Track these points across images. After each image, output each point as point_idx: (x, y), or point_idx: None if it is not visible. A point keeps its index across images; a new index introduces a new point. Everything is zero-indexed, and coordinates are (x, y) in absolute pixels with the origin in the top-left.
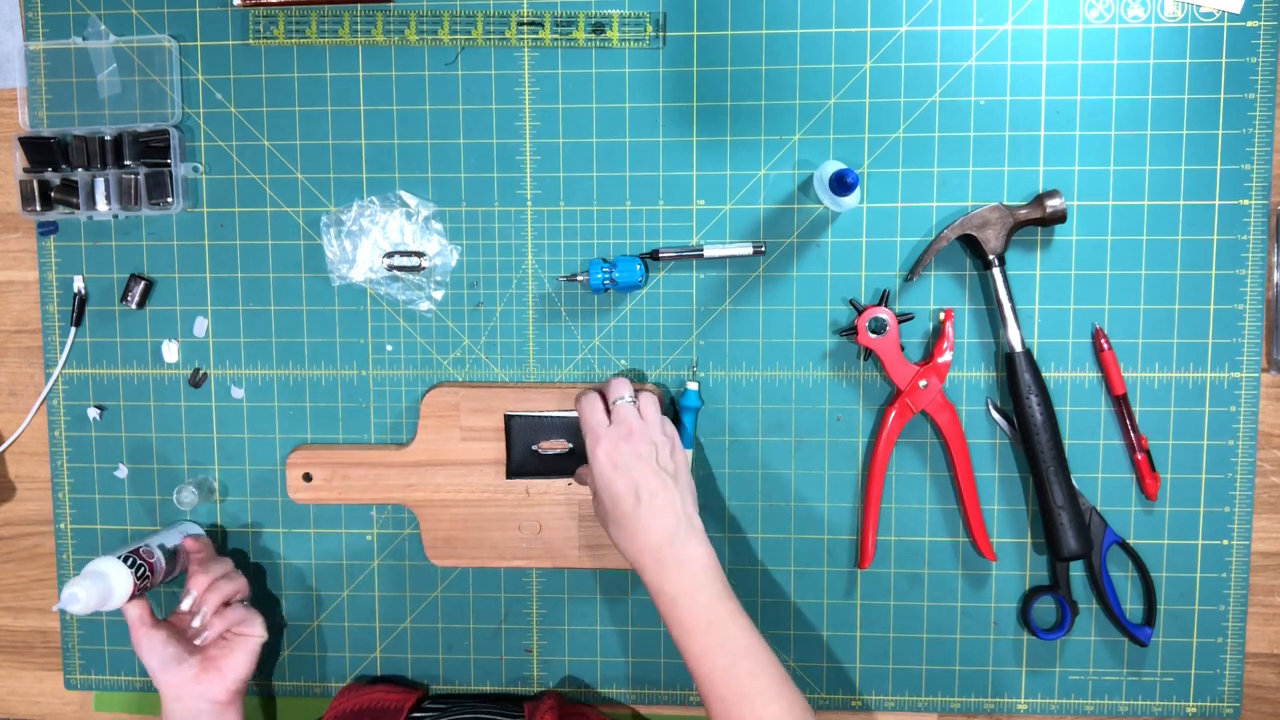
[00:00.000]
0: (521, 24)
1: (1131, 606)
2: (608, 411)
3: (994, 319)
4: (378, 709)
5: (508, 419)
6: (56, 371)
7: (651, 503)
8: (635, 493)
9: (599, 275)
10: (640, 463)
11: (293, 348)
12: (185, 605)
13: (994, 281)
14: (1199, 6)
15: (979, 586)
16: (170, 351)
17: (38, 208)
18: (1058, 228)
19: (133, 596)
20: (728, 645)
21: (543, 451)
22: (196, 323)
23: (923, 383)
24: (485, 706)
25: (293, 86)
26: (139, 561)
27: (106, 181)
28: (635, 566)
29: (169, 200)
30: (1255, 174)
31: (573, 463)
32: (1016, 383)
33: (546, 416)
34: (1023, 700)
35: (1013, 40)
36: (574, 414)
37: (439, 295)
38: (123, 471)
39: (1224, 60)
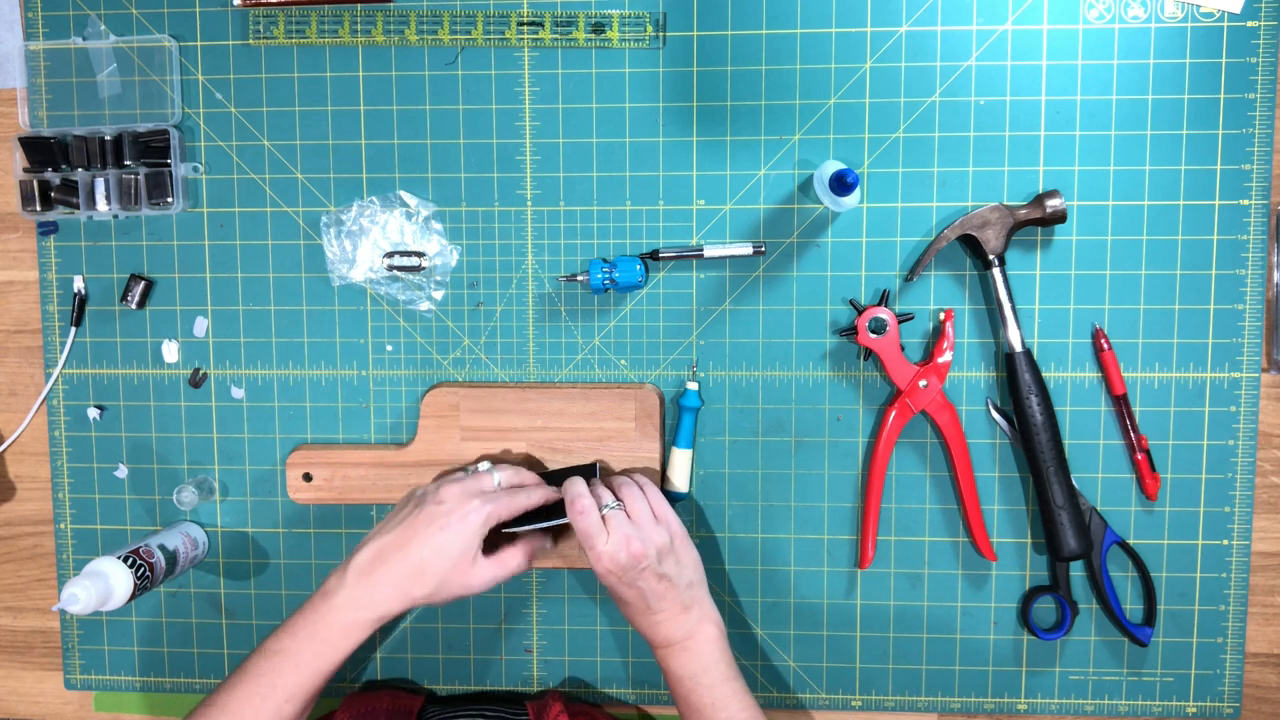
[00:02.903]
0: (521, 24)
1: (1131, 606)
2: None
3: (994, 319)
4: (385, 712)
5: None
6: (56, 371)
7: (659, 605)
8: (643, 599)
9: (599, 275)
10: (642, 574)
11: (293, 348)
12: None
13: (994, 281)
14: (1199, 6)
15: (979, 586)
16: (170, 351)
17: (38, 208)
18: (1058, 228)
19: (133, 596)
20: None
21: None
22: (196, 323)
23: (923, 383)
24: (490, 708)
25: (293, 86)
26: (139, 561)
27: (106, 181)
28: (647, 641)
29: (169, 200)
30: (1255, 174)
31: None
32: (1016, 383)
33: (553, 471)
34: (1023, 700)
35: (1013, 40)
36: (578, 464)
37: (439, 295)
38: (123, 471)
39: (1224, 60)
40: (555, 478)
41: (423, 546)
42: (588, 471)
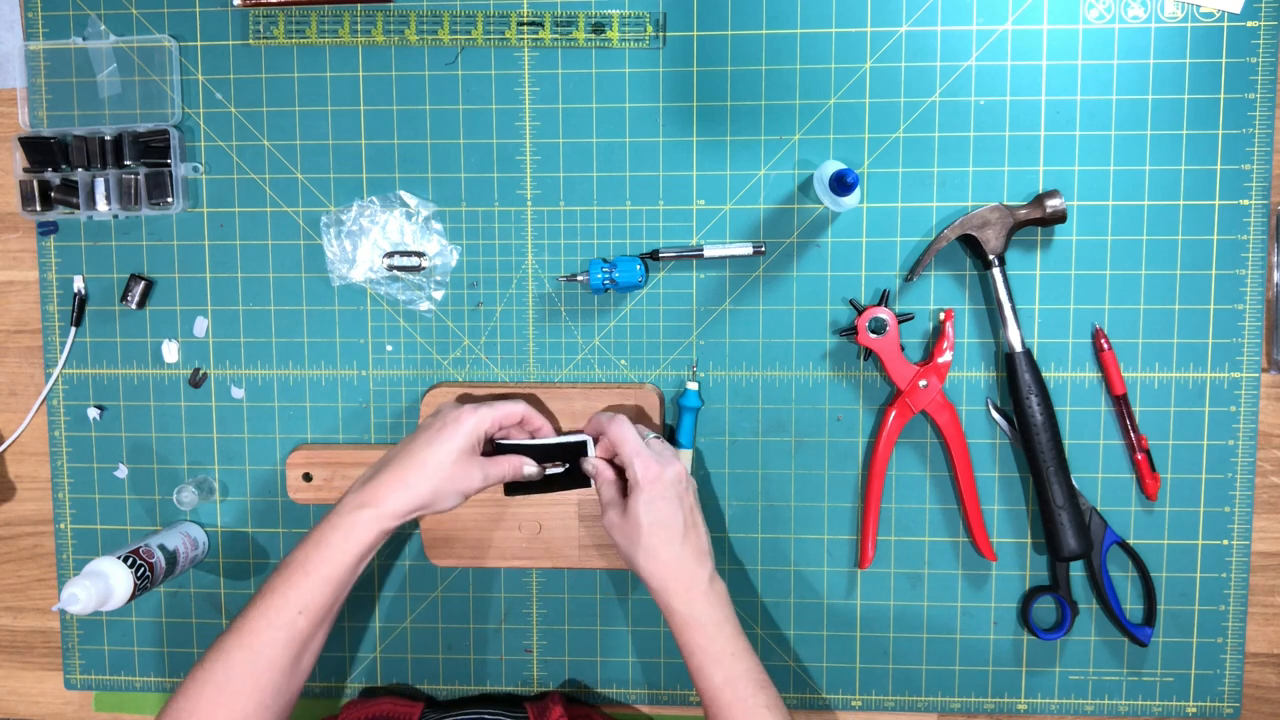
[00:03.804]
0: (521, 24)
1: (1131, 606)
2: None
3: (994, 319)
4: (384, 718)
5: (500, 447)
6: (56, 371)
7: (692, 535)
8: (682, 524)
9: (599, 275)
10: (687, 494)
11: (293, 348)
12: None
13: (994, 281)
14: (1199, 6)
15: (979, 586)
16: (170, 351)
17: (38, 208)
18: (1058, 228)
19: (133, 596)
20: (750, 676)
21: (545, 472)
22: (196, 323)
23: (923, 383)
24: (489, 712)
25: (293, 86)
26: (139, 561)
27: (106, 181)
28: (659, 592)
29: (169, 200)
30: (1255, 174)
31: (569, 480)
32: (1016, 383)
33: (544, 444)
34: (1023, 700)
35: (1013, 40)
36: (572, 438)
37: (439, 295)
38: (123, 471)
39: (1224, 60)
40: (542, 452)
41: (424, 447)
42: (578, 448)
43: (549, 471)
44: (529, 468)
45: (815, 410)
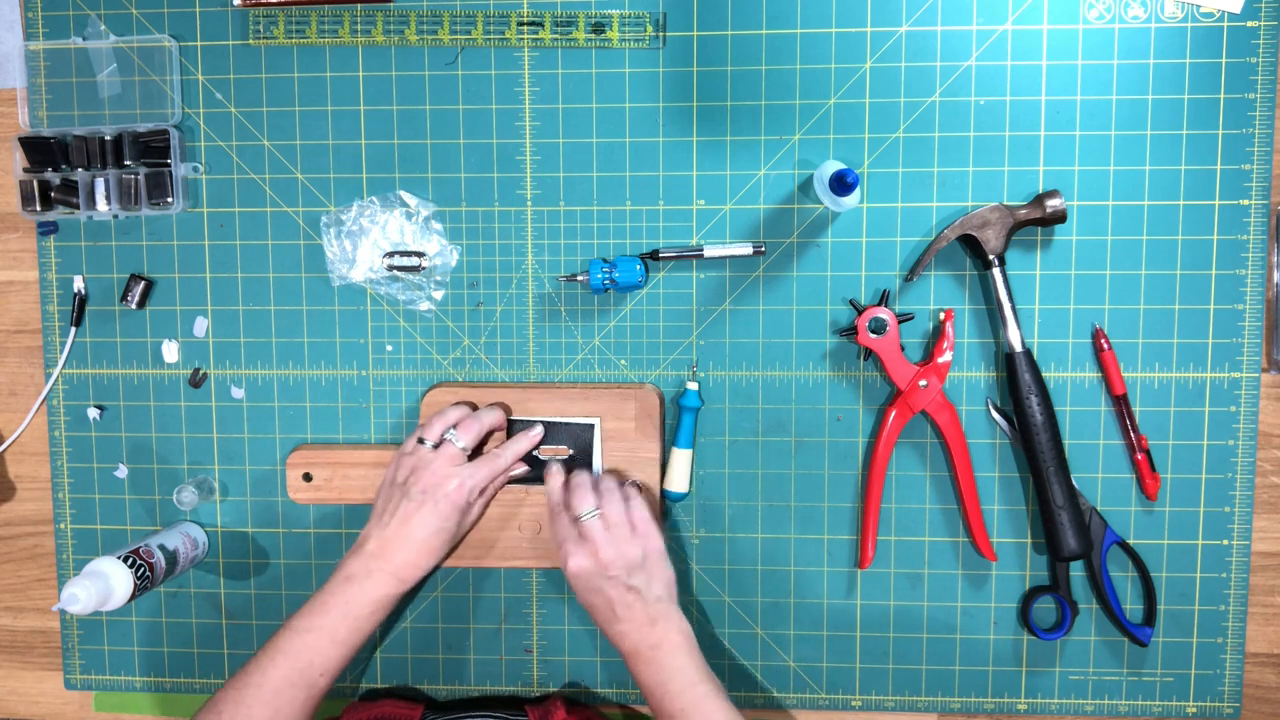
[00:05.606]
0: (521, 24)
1: (1131, 606)
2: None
3: (994, 319)
4: (388, 718)
5: (510, 423)
6: (56, 371)
7: (626, 615)
8: (609, 607)
9: (599, 275)
10: (609, 582)
11: (293, 348)
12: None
13: (994, 281)
14: (1199, 6)
15: (979, 586)
16: (170, 351)
17: (38, 208)
18: (1058, 228)
19: (133, 596)
20: None
21: (543, 456)
22: (196, 323)
23: (923, 383)
24: (490, 713)
25: (293, 86)
26: (139, 561)
27: (106, 181)
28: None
29: (169, 200)
30: (1255, 174)
31: (573, 467)
32: (1016, 383)
33: (549, 422)
34: (1023, 700)
35: (1013, 40)
36: (575, 420)
37: (439, 295)
38: (123, 471)
39: (1224, 60)
40: (549, 431)
41: (423, 528)
42: (585, 432)
43: (556, 457)
44: (523, 443)
45: (815, 410)
